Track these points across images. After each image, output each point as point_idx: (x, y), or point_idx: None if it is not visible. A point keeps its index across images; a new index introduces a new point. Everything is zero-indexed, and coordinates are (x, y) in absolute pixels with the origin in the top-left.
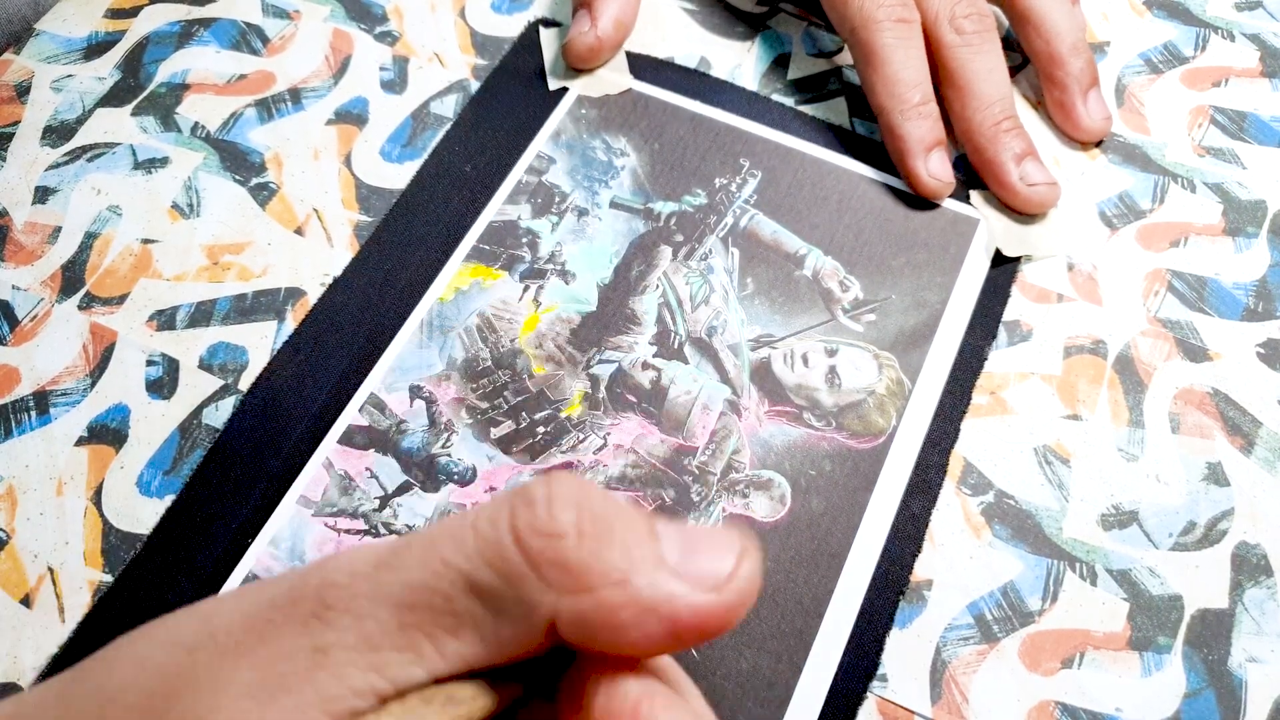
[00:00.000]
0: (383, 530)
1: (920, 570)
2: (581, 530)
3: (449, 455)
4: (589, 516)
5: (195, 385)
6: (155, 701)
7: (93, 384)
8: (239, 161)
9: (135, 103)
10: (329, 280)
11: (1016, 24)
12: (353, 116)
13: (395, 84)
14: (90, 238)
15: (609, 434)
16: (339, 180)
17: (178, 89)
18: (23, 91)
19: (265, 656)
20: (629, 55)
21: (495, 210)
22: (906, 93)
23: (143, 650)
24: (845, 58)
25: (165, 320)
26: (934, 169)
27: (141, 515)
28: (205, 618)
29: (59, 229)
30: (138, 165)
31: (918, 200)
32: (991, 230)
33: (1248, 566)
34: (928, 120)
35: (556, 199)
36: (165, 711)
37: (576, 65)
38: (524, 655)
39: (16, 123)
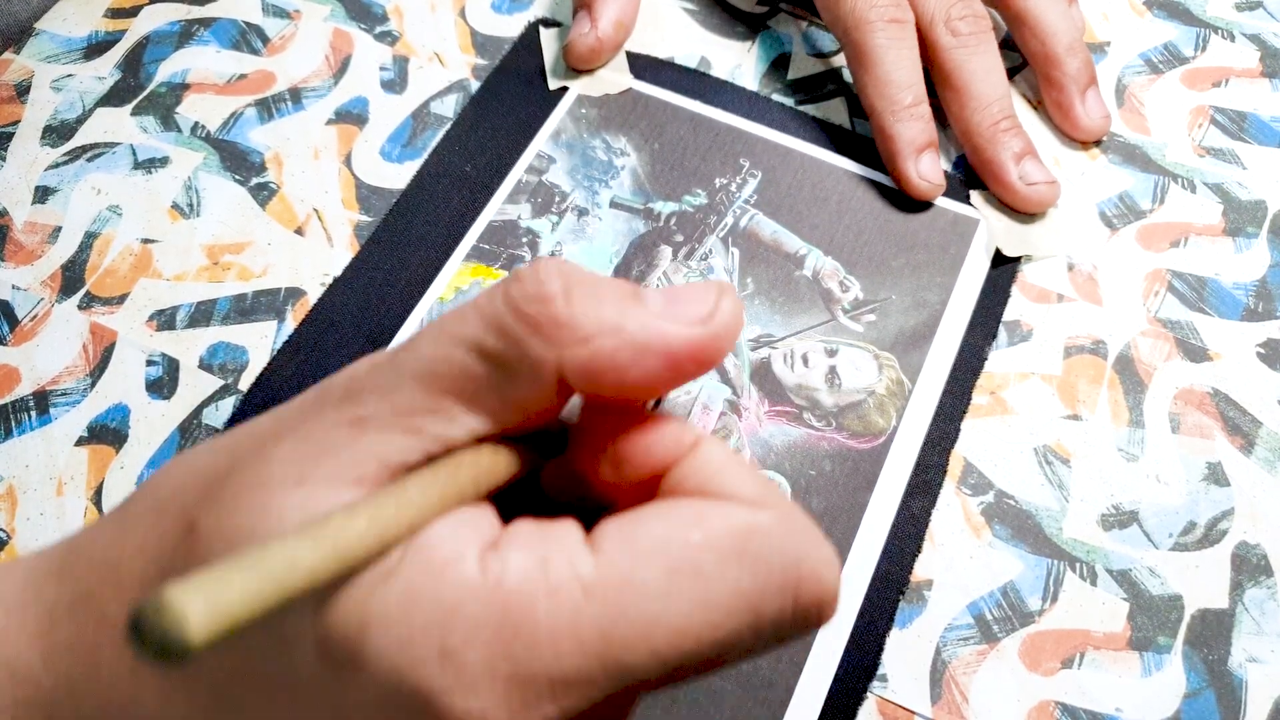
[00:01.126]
0: None
1: (920, 570)
2: (569, 292)
3: None
4: (574, 281)
5: (195, 385)
6: (207, 489)
7: (93, 384)
8: (239, 161)
9: (135, 102)
10: (329, 280)
11: (1013, 25)
12: (353, 116)
13: (395, 84)
14: (90, 238)
15: None
16: (339, 180)
17: (178, 89)
18: (23, 91)
19: (305, 433)
20: (629, 55)
21: (495, 210)
22: (898, 94)
23: (186, 459)
24: (844, 58)
25: (165, 320)
26: (924, 170)
27: None
28: (240, 428)
29: (59, 229)
30: (138, 165)
31: (917, 201)
32: (991, 230)
33: (1248, 566)
34: (919, 122)
35: (556, 199)
36: (215, 496)
37: (577, 66)
38: (543, 416)
39: (16, 122)
